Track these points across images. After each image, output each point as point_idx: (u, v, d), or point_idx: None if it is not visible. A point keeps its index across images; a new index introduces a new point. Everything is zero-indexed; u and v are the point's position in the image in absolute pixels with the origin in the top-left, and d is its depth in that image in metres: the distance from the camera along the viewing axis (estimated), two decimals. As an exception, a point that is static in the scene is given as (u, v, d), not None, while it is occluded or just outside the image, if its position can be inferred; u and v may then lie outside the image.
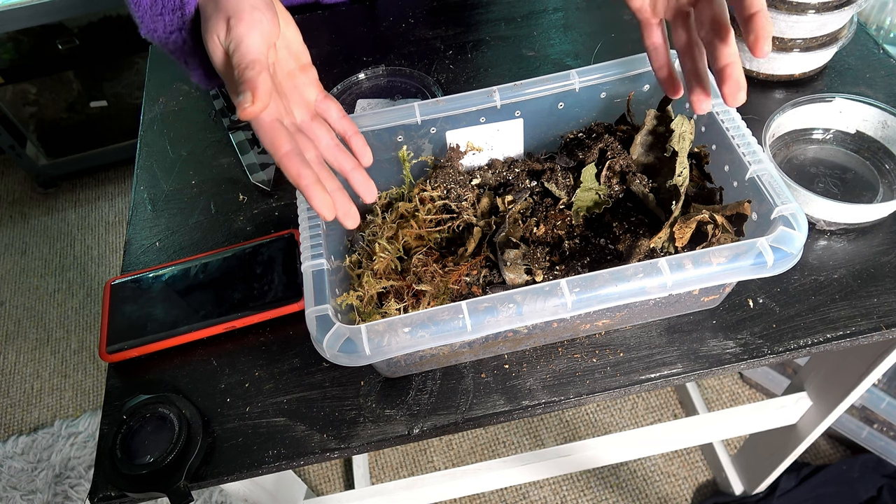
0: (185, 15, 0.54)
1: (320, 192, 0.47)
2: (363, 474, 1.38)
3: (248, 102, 0.45)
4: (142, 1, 0.56)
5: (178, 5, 0.54)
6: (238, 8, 0.49)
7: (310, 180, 0.46)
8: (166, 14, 0.55)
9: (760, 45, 0.45)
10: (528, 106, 0.62)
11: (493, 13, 0.91)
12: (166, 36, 0.57)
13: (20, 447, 1.51)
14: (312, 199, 0.47)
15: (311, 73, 0.57)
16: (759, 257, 0.48)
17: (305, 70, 0.56)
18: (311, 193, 0.47)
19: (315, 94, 0.56)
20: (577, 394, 0.57)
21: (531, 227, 0.59)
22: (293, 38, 0.56)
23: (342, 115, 0.57)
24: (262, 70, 0.47)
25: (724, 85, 0.48)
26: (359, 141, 0.57)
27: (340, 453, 0.56)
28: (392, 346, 0.47)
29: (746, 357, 0.57)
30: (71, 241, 1.92)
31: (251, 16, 0.49)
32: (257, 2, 0.50)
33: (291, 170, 0.46)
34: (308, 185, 0.46)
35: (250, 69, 0.47)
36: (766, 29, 0.45)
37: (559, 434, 1.43)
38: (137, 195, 0.76)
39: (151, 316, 0.63)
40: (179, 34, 0.56)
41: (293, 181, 0.47)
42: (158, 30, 0.57)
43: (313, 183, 0.47)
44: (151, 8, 0.56)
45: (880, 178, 0.67)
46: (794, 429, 1.01)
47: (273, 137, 0.47)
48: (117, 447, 0.55)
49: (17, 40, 1.76)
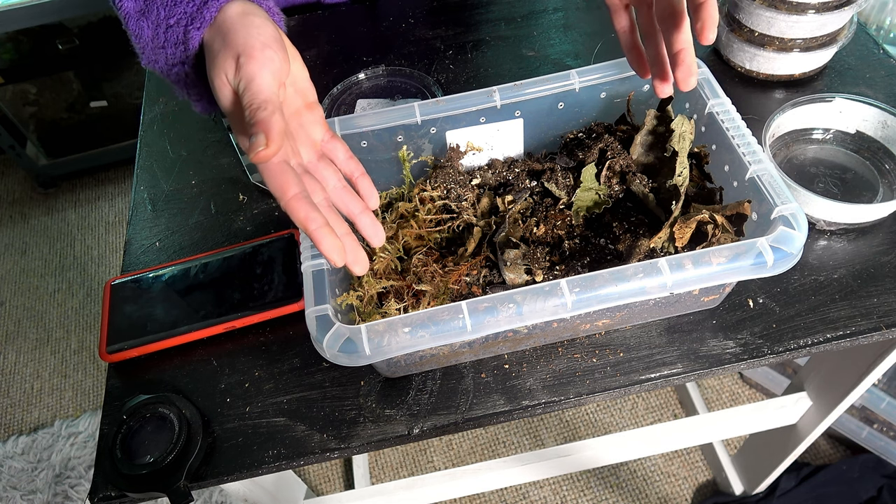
0: (188, 49, 0.52)
1: (330, 237, 0.45)
2: (363, 474, 1.38)
3: (262, 145, 0.43)
4: (143, 33, 0.53)
5: (182, 39, 0.52)
6: (248, 45, 0.47)
7: (318, 224, 0.45)
8: (168, 48, 0.53)
9: (706, 32, 0.49)
10: (528, 106, 0.62)
11: (493, 13, 0.91)
12: (168, 68, 0.55)
13: (20, 447, 1.51)
14: (321, 243, 0.45)
15: (317, 112, 0.54)
16: (759, 257, 0.48)
17: (312, 108, 0.54)
18: (321, 238, 0.45)
19: (321, 134, 0.54)
20: (577, 394, 0.57)
21: (531, 227, 0.59)
22: (300, 74, 0.54)
23: (349, 156, 0.55)
24: (274, 111, 0.45)
25: (677, 69, 0.50)
26: (366, 182, 0.55)
27: (340, 453, 0.56)
28: (392, 346, 0.47)
29: (746, 357, 0.57)
30: (71, 241, 1.92)
31: (262, 54, 0.47)
32: (268, 38, 0.48)
33: (299, 213, 0.45)
34: (317, 229, 0.45)
35: (262, 110, 0.45)
36: (713, 17, 0.48)
37: (559, 434, 1.43)
38: (137, 195, 0.76)
39: (151, 316, 0.63)
40: (182, 67, 0.54)
41: (301, 225, 0.45)
42: (160, 62, 0.54)
43: (322, 227, 0.45)
44: (153, 40, 0.53)
45: (880, 178, 0.67)
46: (794, 429, 1.01)
47: (281, 181, 0.45)
48: (117, 447, 0.55)
49: (17, 40, 1.76)
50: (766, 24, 0.71)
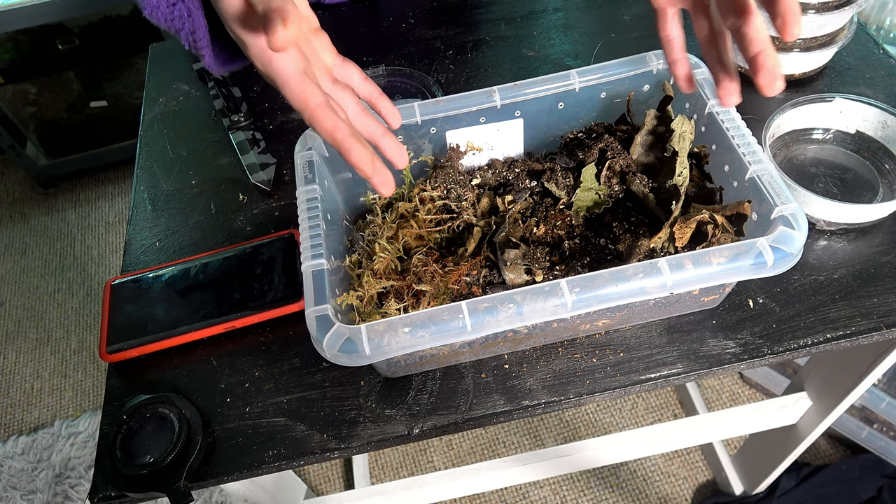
0: None
1: (359, 147, 0.43)
2: (363, 474, 1.38)
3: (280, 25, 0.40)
4: None
5: None
6: None
7: (346, 133, 0.43)
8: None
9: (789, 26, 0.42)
10: (528, 106, 0.62)
11: (493, 13, 0.91)
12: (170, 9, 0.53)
13: (20, 447, 1.51)
14: (351, 152, 0.43)
15: (323, 38, 0.52)
16: (759, 257, 0.48)
17: (317, 34, 0.52)
18: (350, 147, 0.43)
19: (331, 59, 0.52)
20: (577, 394, 0.57)
21: (531, 227, 0.59)
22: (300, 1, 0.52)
23: (364, 78, 0.53)
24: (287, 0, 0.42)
25: (758, 75, 0.45)
26: (386, 102, 0.54)
27: (340, 453, 0.56)
28: (392, 346, 0.47)
29: (746, 357, 0.57)
30: (71, 241, 1.92)
31: None
32: None
33: (326, 122, 0.43)
34: (345, 137, 0.43)
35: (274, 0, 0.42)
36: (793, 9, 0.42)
37: (559, 434, 1.43)
38: (137, 195, 0.76)
39: (151, 316, 0.63)
40: (182, 4, 0.53)
41: (328, 136, 0.43)
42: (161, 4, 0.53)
43: (350, 136, 0.43)
44: None
45: (880, 178, 0.67)
46: (794, 429, 1.01)
47: (303, 90, 0.43)
48: (117, 447, 0.55)
49: (17, 40, 1.76)
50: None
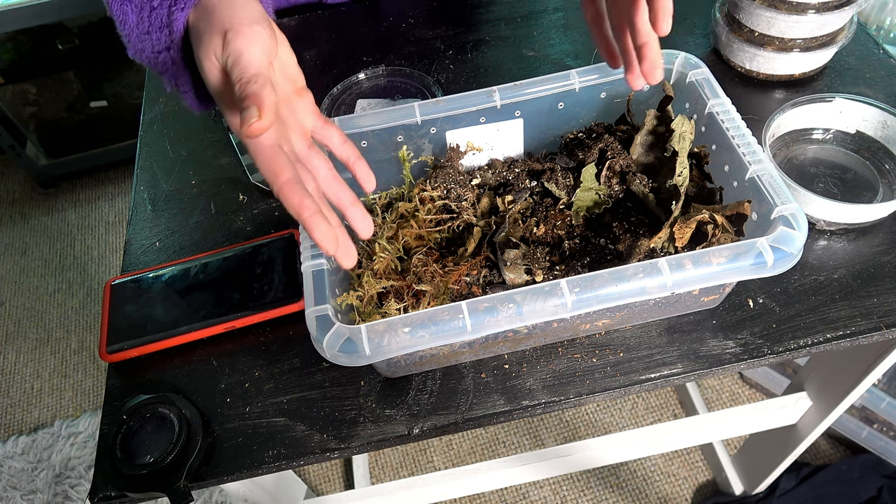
0: (173, 33, 0.51)
1: (323, 224, 0.45)
2: (363, 474, 1.38)
3: (255, 117, 0.42)
4: (127, 18, 0.53)
5: (166, 22, 0.50)
6: (235, 21, 0.46)
7: (312, 210, 0.44)
8: (153, 32, 0.52)
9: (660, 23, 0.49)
10: (528, 106, 0.62)
11: (493, 13, 0.91)
12: (154, 56, 0.53)
13: (20, 447, 1.51)
14: (315, 230, 0.44)
15: (307, 98, 0.53)
16: (759, 257, 0.48)
17: (301, 94, 0.52)
18: (314, 224, 0.44)
19: (312, 121, 0.53)
20: (577, 394, 0.57)
21: (531, 227, 0.59)
22: (288, 59, 0.52)
23: (344, 140, 0.54)
24: (265, 84, 0.44)
25: (642, 64, 0.51)
26: (362, 166, 0.54)
27: (340, 453, 0.56)
28: (392, 346, 0.47)
29: (746, 357, 0.57)
30: (71, 241, 1.92)
31: (250, 29, 0.46)
32: (256, 15, 0.47)
33: (293, 199, 0.44)
34: (311, 215, 0.44)
35: (253, 83, 0.43)
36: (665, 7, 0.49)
37: (559, 434, 1.43)
38: (137, 195, 0.76)
39: (151, 316, 0.63)
40: (168, 54, 0.53)
41: (294, 211, 0.44)
42: (146, 50, 0.53)
43: (315, 213, 0.44)
44: (138, 25, 0.52)
45: (880, 178, 0.67)
46: (794, 429, 1.01)
47: (274, 164, 0.44)
48: (117, 447, 0.55)
49: (17, 40, 1.76)
50: (766, 24, 0.71)
